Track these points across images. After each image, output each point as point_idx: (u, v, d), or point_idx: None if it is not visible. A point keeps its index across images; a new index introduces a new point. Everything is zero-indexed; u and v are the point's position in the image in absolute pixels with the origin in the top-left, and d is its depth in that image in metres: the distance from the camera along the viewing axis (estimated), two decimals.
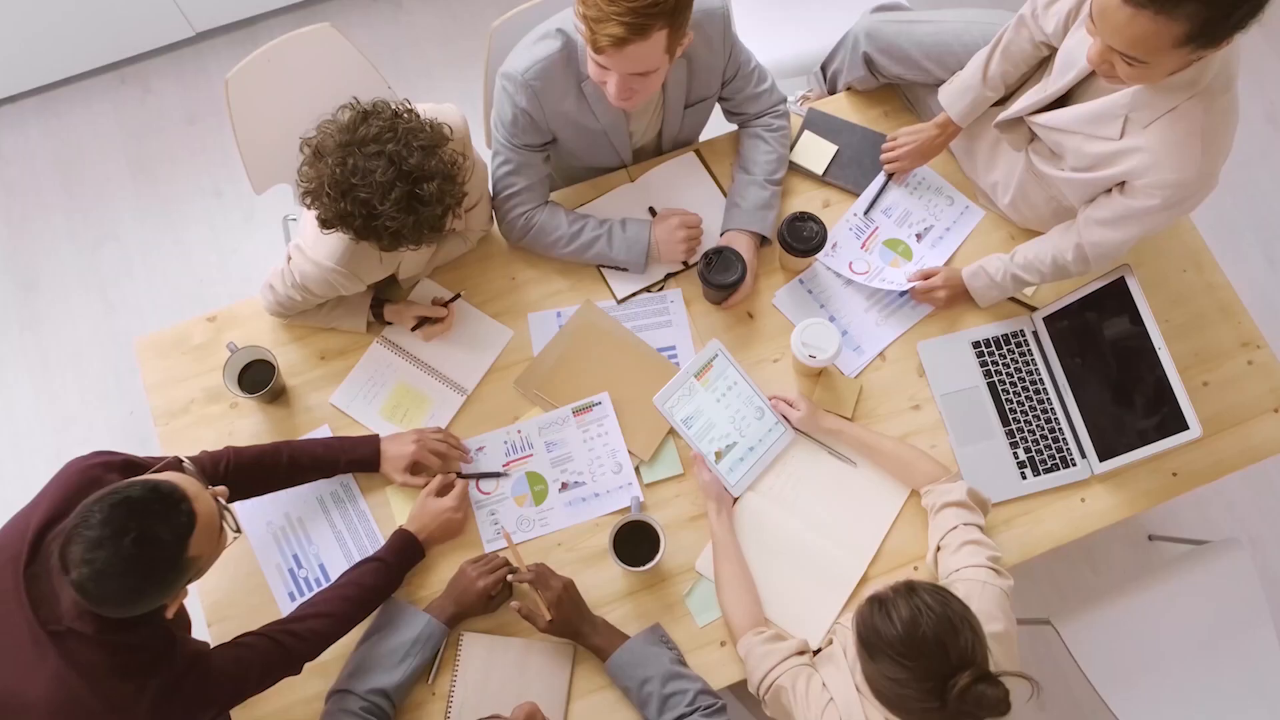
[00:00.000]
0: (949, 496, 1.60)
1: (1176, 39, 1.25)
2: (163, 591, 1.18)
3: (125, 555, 1.11)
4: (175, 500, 1.17)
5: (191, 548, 1.17)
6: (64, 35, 2.78)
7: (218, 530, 1.24)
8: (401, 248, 1.44)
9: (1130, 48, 1.29)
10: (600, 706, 1.59)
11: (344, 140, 1.38)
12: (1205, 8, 1.20)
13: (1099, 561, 2.53)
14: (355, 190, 1.35)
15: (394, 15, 3.11)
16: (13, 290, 2.77)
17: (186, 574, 1.19)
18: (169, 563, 1.16)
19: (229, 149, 2.88)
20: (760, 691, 1.50)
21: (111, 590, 1.12)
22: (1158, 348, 1.60)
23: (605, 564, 1.66)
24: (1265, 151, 2.99)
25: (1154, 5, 1.21)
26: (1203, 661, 1.93)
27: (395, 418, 1.76)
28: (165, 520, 1.15)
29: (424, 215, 1.38)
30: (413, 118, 1.43)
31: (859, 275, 1.88)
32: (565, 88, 1.67)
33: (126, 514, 1.12)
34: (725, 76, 1.82)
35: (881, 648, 1.23)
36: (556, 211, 1.83)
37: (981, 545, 1.53)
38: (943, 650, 1.20)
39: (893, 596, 1.25)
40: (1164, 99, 1.43)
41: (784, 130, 1.90)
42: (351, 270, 1.58)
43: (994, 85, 1.74)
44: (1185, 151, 1.43)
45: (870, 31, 1.98)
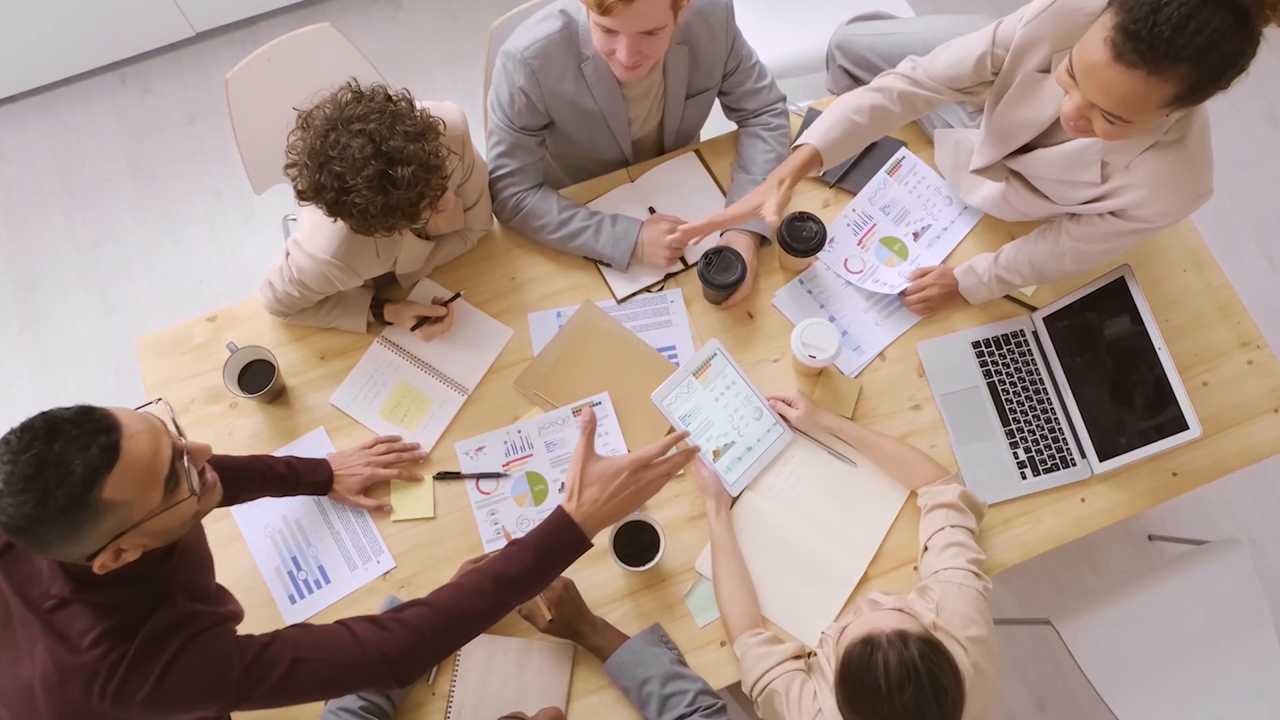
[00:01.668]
0: (941, 498, 1.60)
1: (1164, 99, 1.23)
2: (67, 531, 1.01)
3: (21, 474, 0.98)
4: (98, 429, 1.02)
5: (107, 487, 1.01)
6: (64, 35, 2.78)
7: (159, 483, 1.07)
8: (375, 232, 1.43)
9: (1116, 106, 1.26)
10: (600, 706, 1.59)
11: (332, 115, 1.38)
12: (1197, 69, 1.19)
13: (1099, 561, 2.53)
14: (331, 163, 1.35)
15: (394, 15, 3.11)
16: (13, 290, 2.77)
17: (101, 519, 1.02)
18: (70, 497, 0.99)
19: (229, 149, 2.89)
20: (753, 693, 1.50)
21: (10, 513, 0.99)
22: (1158, 348, 1.60)
23: (605, 564, 1.66)
24: (1265, 152, 2.99)
25: (1147, 65, 1.19)
26: (1203, 662, 1.93)
27: (396, 417, 1.76)
28: (78, 446, 1.00)
29: (394, 198, 1.36)
30: (405, 105, 1.42)
31: (854, 274, 1.88)
32: (564, 67, 1.68)
33: (38, 431, 1.00)
34: (726, 69, 1.83)
35: (861, 693, 1.22)
36: (549, 197, 1.84)
37: (964, 548, 1.53)
38: (920, 718, 1.19)
39: (885, 644, 1.22)
40: (1137, 141, 1.42)
41: (783, 129, 1.90)
42: (347, 264, 1.58)
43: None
44: (1176, 180, 1.42)
45: (841, 45, 2.00)
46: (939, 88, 1.60)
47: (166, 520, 1.10)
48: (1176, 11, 1.15)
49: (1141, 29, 1.17)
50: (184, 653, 1.13)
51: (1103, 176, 1.48)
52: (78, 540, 1.03)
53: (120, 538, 1.06)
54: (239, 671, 1.15)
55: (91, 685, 1.10)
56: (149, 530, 1.08)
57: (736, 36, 1.79)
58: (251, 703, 1.17)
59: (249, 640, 1.18)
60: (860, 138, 1.64)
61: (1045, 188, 1.60)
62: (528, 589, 1.28)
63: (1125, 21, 1.19)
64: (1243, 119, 3.02)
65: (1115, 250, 1.60)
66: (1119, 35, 1.19)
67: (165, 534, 1.12)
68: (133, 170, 2.91)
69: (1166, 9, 1.16)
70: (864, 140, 1.65)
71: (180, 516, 1.12)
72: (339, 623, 1.23)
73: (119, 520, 1.04)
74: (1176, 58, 1.17)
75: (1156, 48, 1.17)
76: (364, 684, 1.22)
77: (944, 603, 1.44)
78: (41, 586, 1.13)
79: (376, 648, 1.20)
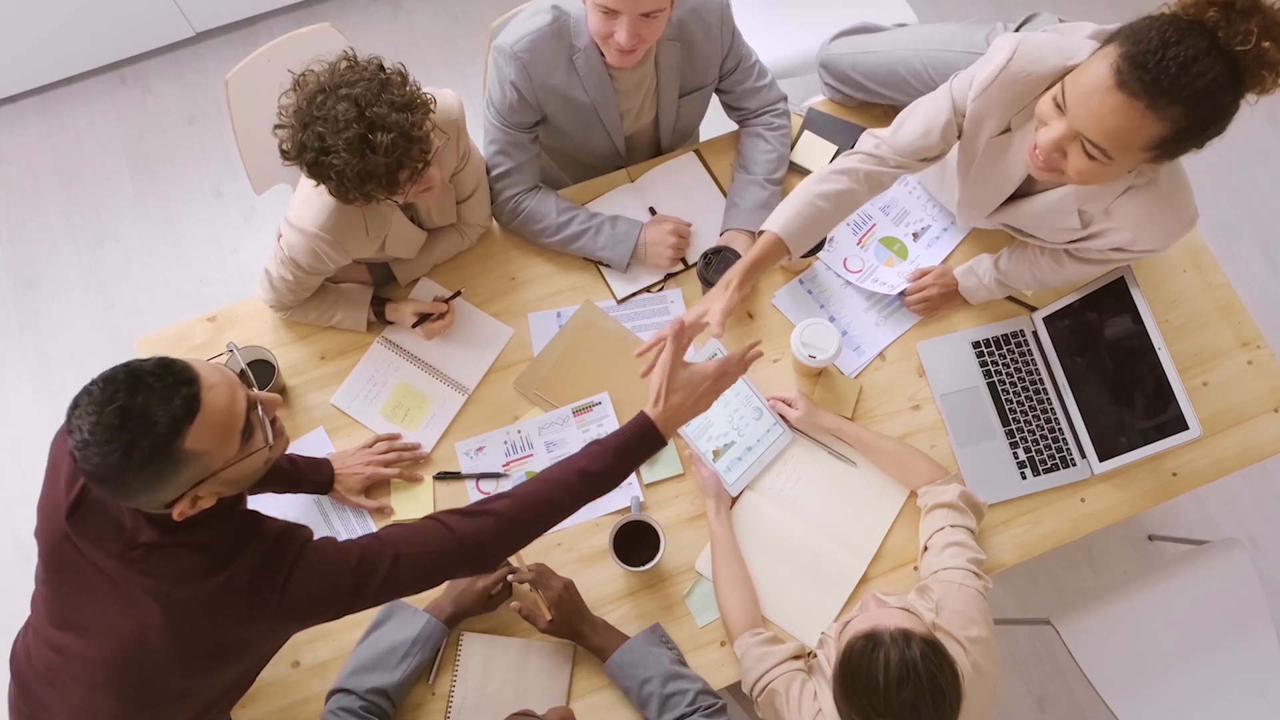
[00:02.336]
0: (941, 498, 1.61)
1: (1150, 140, 1.24)
2: (151, 480, 1.05)
3: (107, 425, 1.01)
4: (179, 380, 1.05)
5: (189, 438, 1.04)
6: (64, 35, 2.78)
7: (236, 433, 1.11)
8: (354, 199, 1.44)
9: (1105, 138, 1.25)
10: (600, 706, 1.59)
11: (324, 79, 1.40)
12: (1190, 115, 1.20)
13: (1099, 561, 2.53)
14: (315, 124, 1.37)
15: (394, 15, 3.11)
16: (13, 290, 2.77)
17: (183, 468, 1.06)
18: (155, 447, 1.03)
19: (229, 149, 2.89)
20: (753, 693, 1.50)
21: (95, 462, 1.02)
22: (1158, 348, 1.60)
23: (605, 564, 1.66)
24: (1265, 152, 2.99)
25: (1148, 97, 1.19)
26: (1203, 661, 1.93)
27: (396, 417, 1.76)
28: (159, 398, 1.03)
29: (371, 163, 1.37)
30: (396, 76, 1.43)
31: (853, 274, 1.88)
32: (555, 60, 1.69)
33: (121, 383, 1.03)
34: (725, 69, 1.83)
35: (858, 686, 1.23)
36: (547, 199, 1.84)
37: (964, 548, 1.53)
38: (915, 718, 1.20)
39: (888, 642, 1.23)
40: (1110, 188, 1.43)
41: (784, 129, 1.90)
42: (335, 238, 1.58)
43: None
44: (1156, 219, 1.43)
45: (825, 63, 2.01)
46: (905, 161, 1.59)
47: (241, 469, 1.14)
48: (1184, 52, 1.17)
49: (1149, 60, 1.18)
50: (298, 565, 1.20)
51: (1082, 223, 1.50)
52: (160, 489, 1.07)
53: (198, 486, 1.10)
54: (349, 574, 1.23)
55: (218, 611, 1.17)
56: (225, 479, 1.12)
57: (734, 35, 1.79)
58: (362, 602, 1.25)
59: (349, 545, 1.25)
60: (825, 223, 1.61)
61: (1032, 231, 1.62)
62: (606, 486, 1.36)
63: (1133, 52, 1.20)
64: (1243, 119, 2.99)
65: (1115, 265, 1.62)
66: (1125, 64, 1.20)
67: (239, 482, 1.16)
68: (133, 170, 2.91)
69: (1175, 48, 1.17)
70: (829, 225, 1.62)
71: (254, 465, 1.16)
72: (429, 517, 1.30)
73: (199, 469, 1.08)
74: (1176, 97, 1.18)
75: (1161, 80, 1.18)
76: (456, 572, 1.31)
77: (944, 602, 1.44)
78: (121, 539, 1.16)
79: (471, 536, 1.28)
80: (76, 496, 1.19)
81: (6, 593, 2.45)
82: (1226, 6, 1.17)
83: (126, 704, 1.22)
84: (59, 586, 1.23)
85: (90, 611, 1.21)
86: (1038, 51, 1.39)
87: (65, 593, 1.22)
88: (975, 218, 1.69)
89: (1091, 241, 1.53)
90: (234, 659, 1.26)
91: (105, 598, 1.19)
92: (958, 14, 3.15)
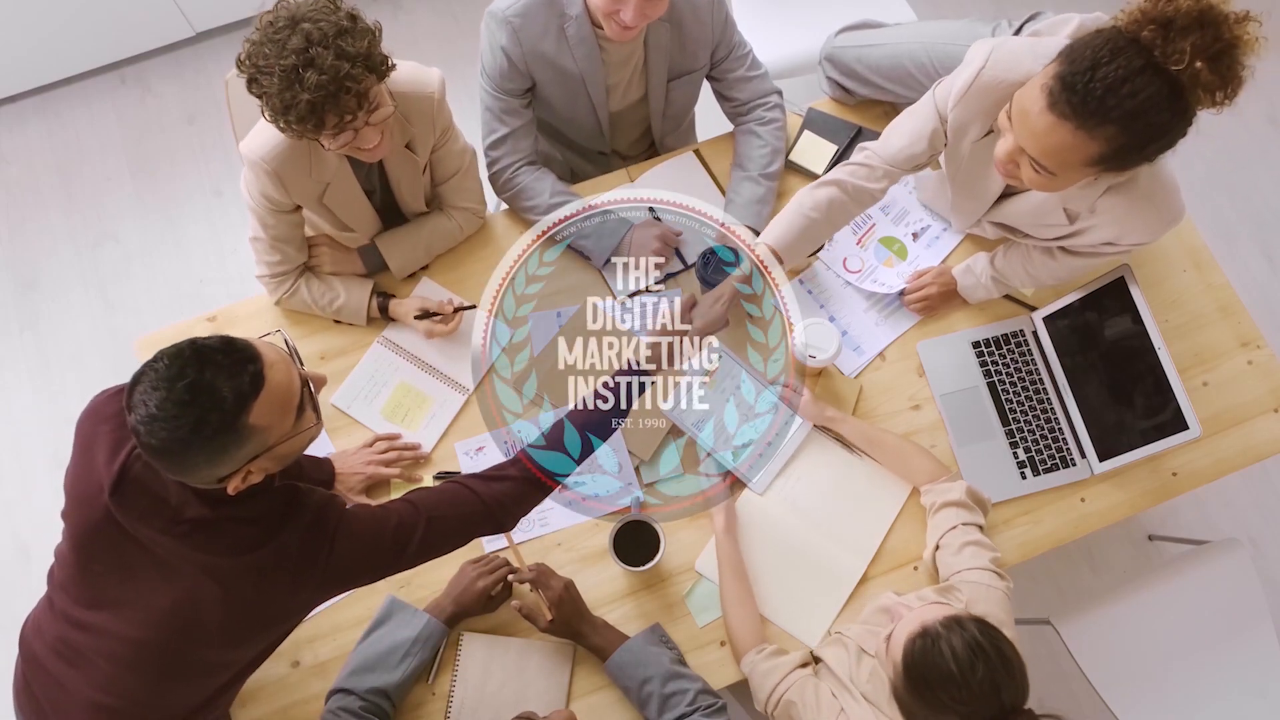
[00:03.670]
0: (948, 496, 1.60)
1: (1089, 158, 1.24)
2: (214, 455, 1.08)
3: (177, 400, 1.04)
4: (244, 358, 1.09)
5: (253, 414, 1.08)
6: (64, 35, 2.78)
7: (293, 409, 1.15)
8: (285, 129, 1.45)
9: (1042, 155, 1.27)
10: (600, 706, 1.59)
11: (296, 9, 1.42)
12: (1124, 134, 1.20)
13: (1099, 561, 2.53)
14: (266, 44, 1.41)
15: (394, 15, 3.11)
16: (13, 290, 2.77)
17: (245, 443, 1.10)
18: (222, 422, 1.06)
19: (229, 149, 2.89)
20: (769, 708, 1.49)
21: (161, 439, 1.05)
22: (1157, 348, 1.60)
23: (605, 564, 1.66)
24: (1265, 151, 2.99)
25: (1077, 119, 1.20)
26: (1203, 661, 1.93)
27: (396, 417, 1.76)
28: (227, 374, 1.07)
29: (294, 96, 1.38)
30: (361, 28, 1.44)
31: (852, 274, 1.88)
32: (546, 27, 1.71)
33: (189, 359, 1.07)
34: (716, 56, 1.85)
35: (933, 685, 1.22)
36: (545, 178, 1.85)
37: (983, 547, 1.53)
38: (996, 693, 1.19)
39: (943, 632, 1.23)
40: (1092, 187, 1.43)
41: (777, 123, 1.90)
42: (275, 170, 1.59)
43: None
44: (1139, 216, 1.43)
45: (830, 57, 2.01)
46: (895, 171, 1.61)
47: (293, 445, 1.18)
48: (1114, 73, 1.17)
49: (1078, 82, 1.19)
50: (340, 531, 1.25)
51: (1069, 219, 1.51)
52: (221, 463, 1.10)
53: (253, 461, 1.13)
54: (390, 537, 1.28)
55: (271, 581, 1.21)
56: (277, 454, 1.16)
57: (727, 23, 1.81)
58: (403, 563, 1.30)
59: (384, 510, 1.30)
60: (818, 234, 1.65)
61: (1023, 228, 1.62)
62: (607, 425, 1.42)
63: (1065, 73, 1.20)
64: (1243, 119, 3.02)
65: (1107, 261, 1.62)
66: (1056, 85, 1.21)
67: (287, 458, 1.20)
68: (133, 170, 2.91)
69: (1105, 68, 1.17)
70: (822, 236, 1.66)
71: (303, 441, 1.20)
72: (450, 482, 1.36)
73: (257, 444, 1.12)
74: (1105, 117, 1.19)
75: (1088, 103, 1.18)
76: (479, 532, 1.38)
77: (974, 605, 1.43)
78: (166, 515, 1.19)
79: (495, 499, 1.34)
80: (119, 473, 1.20)
81: (7, 593, 2.45)
82: (1164, 25, 1.16)
83: (154, 679, 1.24)
84: (91, 566, 1.24)
85: (127, 589, 1.22)
86: (1011, 58, 1.40)
87: (99, 572, 1.24)
88: (969, 221, 1.70)
89: (1080, 237, 1.54)
90: (274, 628, 1.32)
91: (146, 574, 1.21)
92: (957, 14, 3.14)
